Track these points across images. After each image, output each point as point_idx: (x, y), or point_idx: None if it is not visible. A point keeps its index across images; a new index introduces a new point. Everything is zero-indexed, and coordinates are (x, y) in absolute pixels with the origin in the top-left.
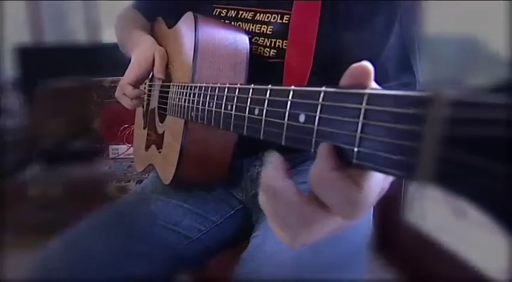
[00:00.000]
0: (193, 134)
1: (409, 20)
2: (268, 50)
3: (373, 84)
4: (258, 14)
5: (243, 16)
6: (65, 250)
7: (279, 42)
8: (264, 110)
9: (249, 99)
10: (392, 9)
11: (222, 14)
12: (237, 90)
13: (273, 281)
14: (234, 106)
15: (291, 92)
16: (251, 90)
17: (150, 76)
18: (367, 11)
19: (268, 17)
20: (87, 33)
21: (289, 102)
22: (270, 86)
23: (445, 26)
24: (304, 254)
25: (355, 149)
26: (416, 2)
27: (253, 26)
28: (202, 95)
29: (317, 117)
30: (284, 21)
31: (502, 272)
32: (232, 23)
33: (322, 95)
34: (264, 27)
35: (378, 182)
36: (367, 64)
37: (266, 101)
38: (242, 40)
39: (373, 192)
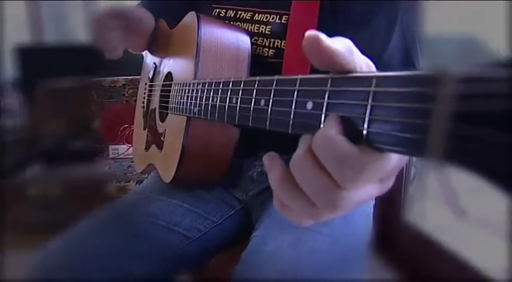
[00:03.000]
0: (194, 132)
1: (410, 19)
2: (267, 50)
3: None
4: (257, 14)
5: (241, 16)
6: (65, 250)
7: (278, 42)
8: (271, 100)
9: (255, 91)
10: (392, 9)
11: (221, 14)
12: (242, 83)
13: (272, 281)
14: (239, 99)
15: (298, 81)
16: (257, 82)
17: (151, 77)
18: (366, 11)
19: (267, 17)
20: (87, 33)
21: (296, 91)
22: (276, 76)
23: (445, 26)
24: (303, 254)
25: (364, 132)
26: (417, 2)
27: (251, 26)
28: (205, 90)
29: (325, 103)
30: (283, 21)
31: (502, 272)
32: (231, 23)
33: (329, 81)
34: (263, 27)
35: (382, 162)
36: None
37: (272, 91)
38: (244, 40)
39: (375, 166)
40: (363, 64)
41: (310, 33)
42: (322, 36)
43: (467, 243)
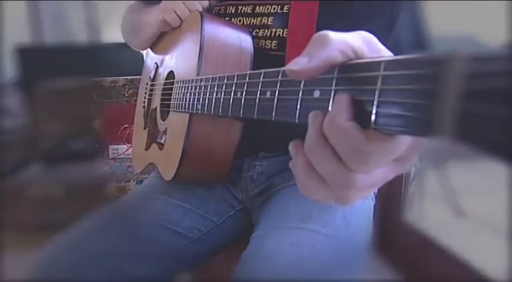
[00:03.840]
0: (196, 130)
1: (414, 17)
2: (270, 41)
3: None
4: (258, 7)
5: (242, 11)
6: (65, 251)
7: (280, 31)
8: (277, 91)
9: (261, 83)
10: (392, 8)
11: (221, 12)
12: (247, 76)
13: (272, 281)
14: (244, 92)
15: None
16: (263, 74)
17: (152, 77)
18: (366, 10)
19: (268, 8)
20: (87, 33)
21: (303, 80)
22: (282, 68)
23: (445, 26)
24: (303, 254)
25: (373, 116)
26: (417, 1)
27: (254, 19)
28: (209, 86)
29: (333, 91)
30: (284, 10)
31: (502, 272)
32: (233, 19)
33: (336, 69)
34: (265, 19)
35: (392, 146)
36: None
37: (279, 82)
38: (247, 39)
39: (383, 151)
40: (358, 42)
41: (286, 68)
42: (294, 66)
43: (467, 243)
